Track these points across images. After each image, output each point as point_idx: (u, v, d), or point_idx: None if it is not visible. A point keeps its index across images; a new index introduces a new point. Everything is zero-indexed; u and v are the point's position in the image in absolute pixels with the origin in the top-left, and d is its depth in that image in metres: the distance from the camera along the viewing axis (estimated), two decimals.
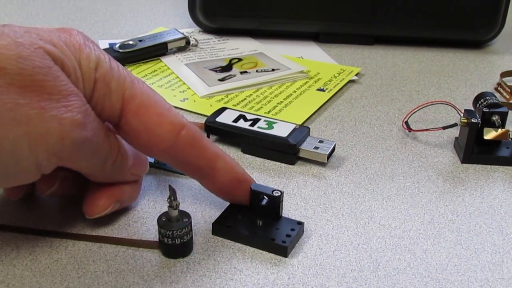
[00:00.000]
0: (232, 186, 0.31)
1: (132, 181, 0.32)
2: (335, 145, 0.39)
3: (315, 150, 0.38)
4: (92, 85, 0.28)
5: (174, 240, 0.29)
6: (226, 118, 0.40)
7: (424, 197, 0.36)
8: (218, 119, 0.40)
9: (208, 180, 0.31)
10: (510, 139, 0.39)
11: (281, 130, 0.39)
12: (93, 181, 0.31)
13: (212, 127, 0.40)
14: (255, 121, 0.40)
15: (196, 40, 0.56)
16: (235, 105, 0.45)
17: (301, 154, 0.38)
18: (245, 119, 0.40)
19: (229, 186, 0.31)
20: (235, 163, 0.31)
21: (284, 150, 0.38)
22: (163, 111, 0.29)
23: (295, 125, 0.40)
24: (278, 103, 0.46)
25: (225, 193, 0.32)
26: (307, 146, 0.38)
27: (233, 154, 0.39)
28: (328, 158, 0.38)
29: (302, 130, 0.39)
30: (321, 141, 0.39)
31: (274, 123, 0.40)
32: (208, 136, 0.41)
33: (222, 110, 0.41)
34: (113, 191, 0.31)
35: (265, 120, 0.40)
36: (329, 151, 0.38)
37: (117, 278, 0.29)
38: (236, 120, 0.40)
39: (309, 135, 0.40)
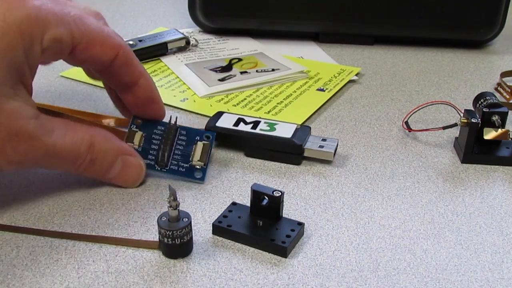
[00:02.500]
0: (146, 103, 0.36)
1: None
2: (338, 142, 0.39)
3: (320, 149, 0.38)
4: (39, 48, 0.30)
5: (174, 240, 0.29)
6: (225, 122, 0.40)
7: (424, 197, 0.36)
8: (218, 124, 0.40)
9: (129, 94, 0.36)
10: (510, 139, 0.39)
11: (284, 131, 0.39)
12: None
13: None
14: (255, 124, 0.40)
15: (196, 40, 0.56)
16: (235, 105, 0.45)
17: (306, 154, 0.38)
18: (245, 122, 0.40)
19: (144, 103, 0.36)
20: (153, 84, 0.36)
21: (290, 151, 0.38)
22: (104, 40, 0.33)
23: (296, 125, 0.40)
24: (278, 103, 0.46)
25: (139, 107, 0.36)
26: (311, 146, 0.38)
27: (236, 158, 0.39)
28: (333, 156, 0.38)
29: (304, 130, 0.39)
30: (323, 140, 0.39)
31: (275, 124, 0.40)
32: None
33: (219, 114, 0.41)
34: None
35: (265, 122, 0.40)
36: (334, 148, 0.38)
37: (117, 278, 0.29)
38: (236, 124, 0.40)
39: (310, 134, 0.40)
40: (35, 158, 0.30)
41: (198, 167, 0.36)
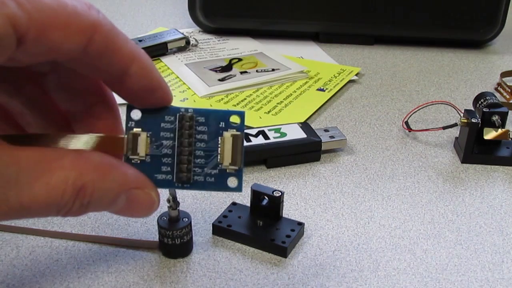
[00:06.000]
0: (142, 94, 0.25)
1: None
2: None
3: (333, 139, 0.39)
4: None
5: (174, 240, 0.29)
6: None
7: (424, 197, 0.36)
8: None
9: (116, 86, 0.25)
10: (510, 139, 0.39)
11: (295, 132, 0.39)
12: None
13: None
14: (264, 134, 0.39)
15: (196, 40, 0.56)
16: (235, 105, 0.45)
17: (323, 148, 0.39)
18: (254, 136, 0.38)
19: (139, 94, 0.25)
20: (151, 67, 0.25)
21: (311, 150, 0.39)
22: (67, 19, 0.22)
23: (298, 124, 0.40)
24: (278, 103, 0.46)
25: (133, 99, 0.26)
26: (324, 139, 0.39)
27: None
28: None
29: (307, 126, 0.40)
30: (326, 130, 0.40)
31: (280, 128, 0.39)
32: None
33: None
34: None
35: (270, 130, 0.39)
36: (343, 134, 0.39)
37: (117, 278, 0.29)
38: (247, 140, 0.38)
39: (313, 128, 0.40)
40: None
41: (231, 171, 0.25)
